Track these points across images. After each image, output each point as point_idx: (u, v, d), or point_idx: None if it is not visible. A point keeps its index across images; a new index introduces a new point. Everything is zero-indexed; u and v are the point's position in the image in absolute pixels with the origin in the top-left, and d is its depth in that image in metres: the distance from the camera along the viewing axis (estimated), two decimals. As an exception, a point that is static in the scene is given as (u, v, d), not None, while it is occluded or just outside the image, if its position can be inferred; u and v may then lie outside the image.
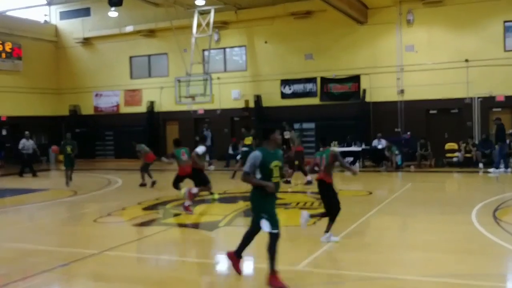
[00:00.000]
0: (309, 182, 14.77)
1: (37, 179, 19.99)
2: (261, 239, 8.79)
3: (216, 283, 6.62)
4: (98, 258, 7.67)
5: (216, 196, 12.57)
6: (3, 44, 25.55)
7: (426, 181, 16.49)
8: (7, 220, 11.69)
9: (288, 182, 15.18)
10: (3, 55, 25.58)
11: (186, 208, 10.88)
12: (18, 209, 12.82)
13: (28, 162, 20.83)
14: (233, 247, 8.30)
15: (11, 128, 26.45)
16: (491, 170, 17.10)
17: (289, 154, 15.34)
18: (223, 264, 7.55)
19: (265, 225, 5.99)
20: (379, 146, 20.26)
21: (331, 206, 8.19)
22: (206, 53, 24.19)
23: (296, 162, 15.50)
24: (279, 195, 10.63)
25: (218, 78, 24.43)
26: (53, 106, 28.61)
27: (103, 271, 7.07)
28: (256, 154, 5.98)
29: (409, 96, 21.77)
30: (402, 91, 21.88)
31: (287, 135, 19.98)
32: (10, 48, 25.92)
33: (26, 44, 26.90)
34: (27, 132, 21.21)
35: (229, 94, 24.82)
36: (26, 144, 20.79)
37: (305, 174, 15.15)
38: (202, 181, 11.78)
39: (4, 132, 26.45)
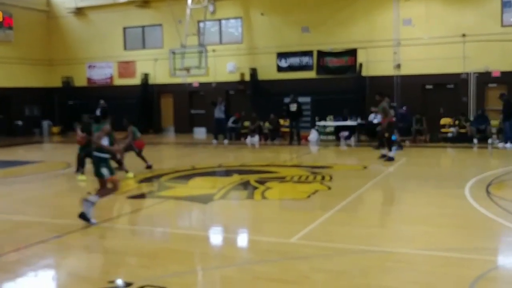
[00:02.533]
0: (390, 159, 14.00)
1: (30, 151, 19.84)
2: (259, 214, 8.81)
3: (209, 254, 6.63)
4: (92, 230, 7.65)
5: (131, 175, 12.36)
6: (-6, 13, 25.08)
7: (420, 156, 16.52)
8: (0, 192, 11.63)
9: (383, 156, 14.35)
10: (-6, 24, 25.14)
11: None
12: (11, 181, 12.74)
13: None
14: (227, 219, 8.32)
15: (3, 99, 26.17)
16: (508, 145, 16.96)
17: (382, 127, 14.40)
18: (216, 235, 7.57)
19: None
20: (375, 121, 20.22)
21: None
22: (201, 24, 23.87)
23: (386, 135, 14.33)
24: (274, 169, 10.57)
25: (214, 50, 24.16)
26: (46, 78, 28.27)
27: (96, 242, 7.07)
28: None
29: (405, 70, 21.66)
30: (398, 66, 21.75)
31: (293, 107, 19.92)
32: (1, 18, 25.43)
33: (17, 14, 26.40)
34: (102, 101, 20.20)
35: (225, 67, 24.58)
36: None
37: (389, 148, 14.17)
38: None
39: (-4, 104, 26.20)
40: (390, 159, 14.07)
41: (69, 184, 12.61)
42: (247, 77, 24.11)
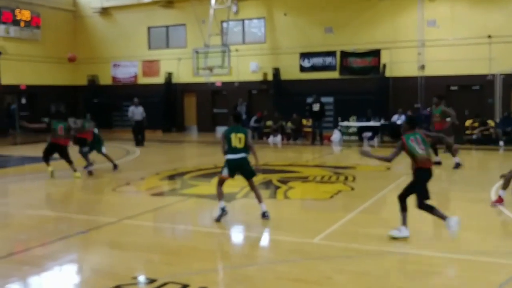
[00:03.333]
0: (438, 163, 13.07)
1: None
2: (282, 214, 8.80)
3: (231, 253, 6.66)
4: (116, 226, 7.76)
5: (78, 175, 12.35)
6: (22, 13, 25.55)
7: (444, 158, 16.26)
8: (27, 187, 11.87)
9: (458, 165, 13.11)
10: (22, 23, 25.62)
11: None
12: (38, 177, 12.98)
13: (138, 130, 19.67)
14: (249, 218, 8.33)
15: (30, 97, 26.69)
16: None
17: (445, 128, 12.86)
18: (238, 234, 7.59)
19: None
20: (399, 122, 20.02)
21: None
22: (224, 24, 23.95)
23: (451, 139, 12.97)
24: (296, 168, 10.57)
25: (237, 50, 24.21)
26: (71, 76, 28.72)
27: (120, 239, 7.15)
28: None
29: (429, 71, 21.38)
30: (422, 67, 21.49)
31: (316, 107, 19.86)
32: (29, 17, 25.94)
33: (45, 13, 26.88)
34: (136, 99, 19.98)
35: (247, 67, 24.62)
36: (135, 111, 19.73)
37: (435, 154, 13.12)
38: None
39: (23, 101, 26.70)
40: (438, 163, 13.01)
41: (92, 181, 12.79)
42: (270, 77, 24.10)
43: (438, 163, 13.16)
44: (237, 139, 7.68)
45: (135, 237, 7.24)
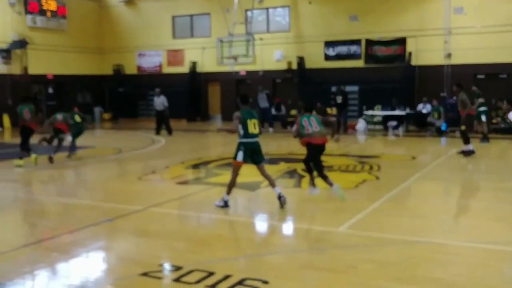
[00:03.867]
0: (470, 152, 12.96)
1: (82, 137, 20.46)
2: (306, 203, 8.80)
3: (256, 241, 6.68)
4: (142, 214, 7.86)
5: (21, 163, 12.39)
6: (48, 3, 25.90)
7: (482, 147, 16.01)
8: (55, 175, 12.11)
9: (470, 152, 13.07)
10: (49, 14, 25.96)
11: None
12: (65, 166, 13.22)
13: (161, 119, 19.79)
14: (273, 207, 8.36)
15: (57, 86, 27.12)
16: None
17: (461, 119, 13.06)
18: (263, 222, 7.61)
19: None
20: (424, 111, 19.73)
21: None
22: (249, 13, 23.86)
23: (463, 128, 13.09)
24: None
25: (261, 39, 24.13)
26: (97, 65, 29.07)
27: (146, 227, 7.24)
28: None
29: (456, 60, 20.96)
30: (449, 55, 21.08)
31: (339, 100, 19.75)
32: (55, 7, 26.27)
33: (71, 3, 27.19)
34: (157, 89, 20.19)
35: (272, 55, 24.52)
36: (157, 101, 19.93)
37: (466, 142, 13.04)
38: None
39: (50, 91, 27.15)
40: (470, 152, 12.94)
41: (119, 169, 12.98)
42: (294, 66, 23.97)
43: (471, 152, 12.96)
44: (252, 125, 7.85)
45: (161, 225, 7.32)
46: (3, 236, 7.00)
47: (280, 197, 7.80)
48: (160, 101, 19.80)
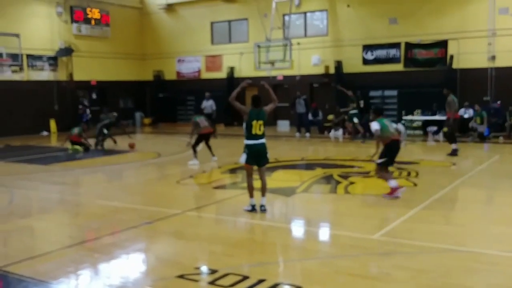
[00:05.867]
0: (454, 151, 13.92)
1: (124, 142, 20.99)
2: (342, 209, 8.79)
3: (291, 246, 6.74)
4: (180, 217, 8.05)
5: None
6: (92, 11, 26.75)
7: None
8: (97, 179, 12.51)
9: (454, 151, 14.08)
10: (93, 22, 26.81)
11: None
12: (107, 169, 13.64)
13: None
14: (309, 212, 8.40)
15: (100, 92, 27.95)
16: None
17: (448, 121, 14.24)
18: (298, 228, 7.66)
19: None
20: (466, 116, 19.28)
21: None
22: (286, 18, 23.94)
23: (445, 129, 14.35)
24: (357, 163, 10.46)
25: (298, 43, 24.16)
26: (138, 71, 29.78)
27: (184, 230, 7.41)
28: None
29: (501, 62, 20.37)
30: (493, 57, 20.51)
31: (361, 104, 19.62)
32: (99, 15, 27.11)
33: (113, 11, 28.00)
34: (207, 93, 20.86)
35: (309, 60, 24.51)
36: (206, 104, 20.37)
37: (450, 142, 14.17)
38: None
39: (94, 96, 28.00)
40: (454, 152, 13.96)
41: (159, 173, 13.28)
42: (332, 70, 23.88)
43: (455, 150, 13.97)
44: (257, 126, 7.93)
45: (198, 229, 7.48)
46: (49, 237, 7.33)
47: (262, 207, 7.91)
48: (209, 104, 20.28)
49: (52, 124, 25.04)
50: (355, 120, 18.93)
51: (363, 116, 19.49)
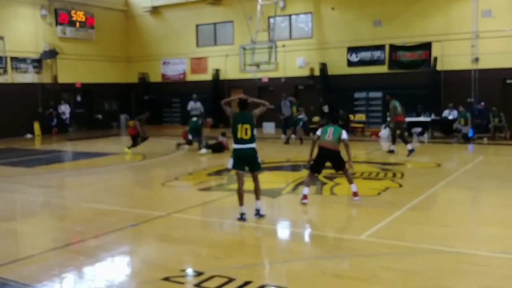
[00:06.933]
0: (410, 151, 14.49)
1: (108, 144, 20.83)
2: (328, 210, 8.79)
3: (277, 248, 6.72)
4: (165, 220, 7.99)
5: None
6: (77, 14, 26.51)
7: (499, 154, 15.74)
8: (83, 181, 12.38)
9: (391, 151, 15.23)
10: (78, 24, 26.56)
11: None
12: (92, 171, 13.50)
13: None
14: (295, 213, 8.38)
15: (85, 94, 27.69)
16: None
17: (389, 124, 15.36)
18: (284, 229, 7.64)
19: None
20: (450, 117, 19.47)
21: None
22: (271, 20, 23.96)
23: (398, 132, 15.13)
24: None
25: (283, 45, 24.20)
26: (123, 74, 29.57)
27: (170, 232, 7.35)
28: None
29: (484, 64, 20.61)
30: (476, 59, 20.75)
31: (325, 109, 19.80)
32: (83, 18, 26.87)
33: (98, 14, 27.78)
34: (195, 95, 20.58)
35: (294, 62, 24.57)
36: (193, 106, 20.04)
37: (405, 142, 14.88)
38: None
39: (78, 99, 27.74)
40: (411, 151, 14.51)
41: (144, 175, 13.17)
42: (317, 72, 23.95)
43: (391, 151, 15.17)
44: (243, 130, 7.62)
45: (183, 231, 7.42)
46: (33, 240, 7.22)
47: (257, 212, 7.70)
48: (196, 106, 20.02)
49: (36, 126, 24.75)
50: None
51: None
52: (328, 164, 8.93)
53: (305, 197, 8.63)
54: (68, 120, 25.78)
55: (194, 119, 17.14)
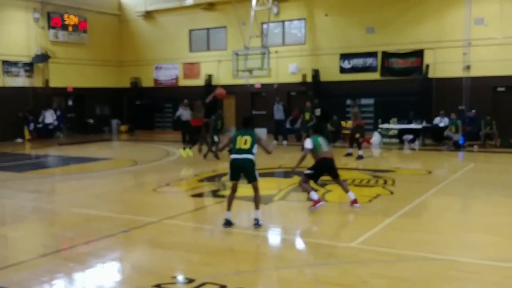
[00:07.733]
0: (360, 157, 15.41)
1: (100, 149, 20.75)
2: (319, 217, 8.80)
3: (269, 255, 6.72)
4: (156, 226, 7.96)
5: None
6: (70, 17, 26.43)
7: (490, 162, 15.86)
8: (73, 186, 12.30)
9: (349, 154, 16.07)
10: (70, 28, 26.46)
11: None
12: (83, 177, 13.43)
13: (186, 130, 18.48)
14: (286, 220, 8.38)
15: (77, 98, 27.57)
16: None
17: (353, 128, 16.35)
18: (276, 236, 7.64)
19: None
20: (441, 124, 19.60)
21: None
22: (264, 26, 24.04)
23: (357, 136, 15.99)
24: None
25: (276, 51, 24.27)
26: (116, 78, 29.49)
27: (161, 238, 7.33)
28: None
29: (476, 72, 20.78)
30: (468, 67, 20.92)
31: (317, 112, 19.84)
32: (76, 22, 26.79)
33: (91, 18, 27.71)
34: (185, 100, 19.76)
35: (287, 68, 24.64)
36: (184, 112, 19.32)
37: (359, 148, 15.84)
38: None
39: (70, 103, 27.61)
40: (360, 157, 15.44)
41: (135, 181, 13.13)
42: (309, 78, 24.03)
43: (349, 154, 16.09)
44: (242, 140, 7.57)
45: (175, 237, 7.40)
46: (23, 246, 7.17)
47: (256, 222, 7.64)
48: (188, 112, 19.38)
49: (27, 130, 24.58)
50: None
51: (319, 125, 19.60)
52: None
53: (319, 200, 8.72)
54: (53, 126, 25.33)
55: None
